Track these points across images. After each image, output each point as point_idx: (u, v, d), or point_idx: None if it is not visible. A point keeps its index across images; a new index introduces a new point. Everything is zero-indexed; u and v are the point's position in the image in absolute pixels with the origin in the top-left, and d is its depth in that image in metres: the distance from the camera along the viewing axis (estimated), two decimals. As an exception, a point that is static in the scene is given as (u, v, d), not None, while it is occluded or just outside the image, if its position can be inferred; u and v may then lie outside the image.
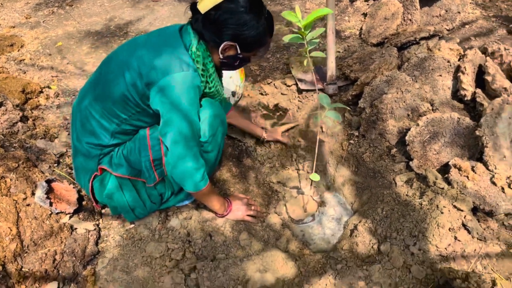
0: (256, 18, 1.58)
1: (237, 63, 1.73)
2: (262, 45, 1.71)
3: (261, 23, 1.60)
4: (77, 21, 3.98)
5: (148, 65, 1.58)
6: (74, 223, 1.94)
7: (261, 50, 1.74)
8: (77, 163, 1.88)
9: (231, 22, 1.56)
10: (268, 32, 1.67)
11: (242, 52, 1.66)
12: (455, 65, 2.33)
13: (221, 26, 1.57)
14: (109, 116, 1.69)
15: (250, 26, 1.58)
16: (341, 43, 3.10)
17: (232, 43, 1.62)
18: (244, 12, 1.55)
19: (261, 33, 1.63)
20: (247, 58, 1.74)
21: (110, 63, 1.71)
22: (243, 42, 1.62)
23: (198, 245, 1.86)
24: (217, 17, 1.55)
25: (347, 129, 2.39)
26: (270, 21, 1.66)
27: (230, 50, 1.66)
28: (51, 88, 2.94)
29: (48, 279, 1.71)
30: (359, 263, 1.78)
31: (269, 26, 1.66)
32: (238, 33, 1.58)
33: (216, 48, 1.64)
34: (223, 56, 1.68)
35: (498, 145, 1.89)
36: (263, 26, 1.61)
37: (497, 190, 1.83)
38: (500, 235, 1.78)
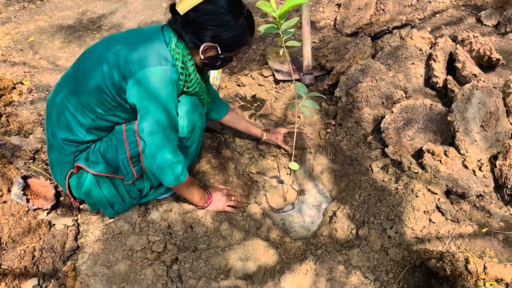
0: (235, 18, 1.58)
1: (218, 63, 1.73)
2: (243, 45, 1.71)
3: (241, 23, 1.60)
4: (49, 15, 3.90)
5: (126, 58, 1.57)
6: (52, 219, 1.92)
7: (243, 49, 1.74)
8: (52, 159, 1.85)
9: (210, 24, 1.56)
10: (249, 31, 1.67)
11: (223, 52, 1.66)
12: (427, 53, 2.38)
13: (200, 28, 1.57)
14: (85, 110, 1.66)
15: (229, 27, 1.58)
16: (316, 33, 3.13)
17: (212, 44, 1.62)
18: (223, 13, 1.55)
19: (241, 33, 1.63)
20: (229, 58, 1.73)
21: (88, 56, 1.69)
22: (223, 43, 1.62)
23: (179, 237, 1.87)
24: (196, 19, 1.55)
25: (324, 118, 2.43)
26: (250, 20, 1.66)
27: (211, 51, 1.66)
28: (24, 84, 2.88)
29: (28, 275, 1.70)
30: (338, 248, 1.83)
31: (249, 25, 1.65)
32: (218, 34, 1.58)
33: (196, 49, 1.64)
34: (204, 57, 1.67)
35: (468, 129, 1.95)
36: (242, 26, 1.62)
37: (468, 173, 1.90)
38: (472, 216, 1.84)
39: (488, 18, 2.90)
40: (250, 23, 1.66)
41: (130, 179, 1.83)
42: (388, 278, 1.67)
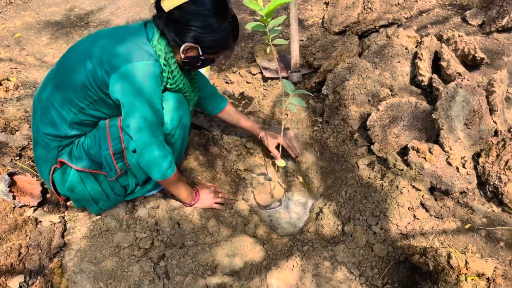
0: (220, 21, 1.58)
1: (199, 63, 1.72)
2: (225, 49, 1.71)
3: (225, 27, 1.60)
4: (36, 11, 3.86)
5: (109, 53, 1.56)
6: (38, 216, 1.91)
7: (225, 52, 1.73)
8: (37, 155, 1.84)
9: (193, 24, 1.56)
10: (232, 36, 1.67)
11: (204, 54, 1.66)
12: (413, 52, 2.42)
13: (183, 27, 1.57)
14: (68, 105, 1.65)
15: (213, 30, 1.58)
16: (304, 31, 3.15)
17: (194, 45, 1.62)
18: (207, 15, 1.55)
19: (224, 37, 1.63)
20: (210, 60, 1.73)
21: (72, 52, 1.68)
22: (204, 45, 1.62)
23: (167, 233, 1.88)
24: (179, 18, 1.55)
25: (311, 116, 2.45)
26: (234, 25, 1.66)
27: (192, 51, 1.66)
28: (11, 80, 2.86)
29: (14, 272, 1.69)
30: (324, 244, 1.85)
31: (233, 30, 1.66)
32: (200, 35, 1.58)
33: (178, 48, 1.63)
34: (185, 56, 1.67)
35: (453, 127, 1.98)
36: (226, 31, 1.62)
37: (452, 170, 1.93)
38: (456, 212, 1.88)
39: (473, 17, 2.95)
40: (234, 28, 1.66)
41: (113, 175, 1.83)
42: (373, 273, 1.69)
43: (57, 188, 1.89)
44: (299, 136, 2.38)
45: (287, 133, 2.31)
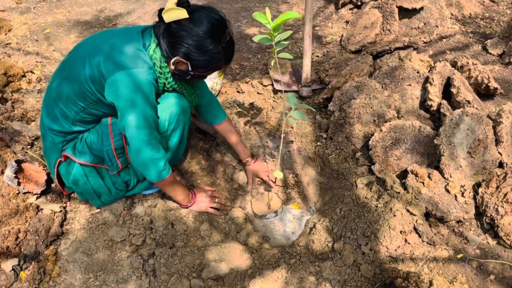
0: (213, 45, 1.60)
1: (188, 77, 1.74)
2: (215, 70, 1.73)
3: (217, 51, 1.63)
4: (68, 10, 4.03)
5: (107, 58, 1.60)
6: (40, 204, 1.99)
7: (215, 71, 1.76)
8: (44, 147, 1.92)
9: (186, 42, 1.58)
10: (224, 60, 1.70)
11: (194, 70, 1.69)
12: (425, 76, 2.41)
13: (176, 42, 1.60)
14: (70, 104, 1.72)
15: (205, 51, 1.61)
16: (321, 48, 3.18)
17: (184, 60, 1.64)
18: (201, 36, 1.57)
19: (215, 60, 1.66)
20: (200, 76, 1.76)
21: (81, 47, 1.74)
22: (194, 63, 1.65)
23: (159, 233, 1.92)
24: (175, 32, 1.58)
25: (316, 131, 2.47)
26: (228, 50, 1.68)
27: (182, 65, 1.69)
28: (34, 73, 2.99)
29: (9, 255, 1.76)
30: (312, 259, 1.85)
31: (226, 54, 1.68)
32: (191, 53, 1.61)
33: (169, 59, 1.66)
34: (175, 68, 1.70)
35: (454, 154, 1.96)
36: (218, 54, 1.64)
37: (450, 198, 1.91)
38: (450, 240, 1.85)
39: (493, 47, 2.91)
40: (227, 53, 1.68)
41: (115, 170, 1.89)
42: (357, 293, 1.69)
43: (62, 179, 1.97)
44: (302, 150, 2.40)
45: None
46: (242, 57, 3.17)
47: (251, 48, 3.30)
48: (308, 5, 2.36)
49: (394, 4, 3.03)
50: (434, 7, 3.12)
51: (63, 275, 1.80)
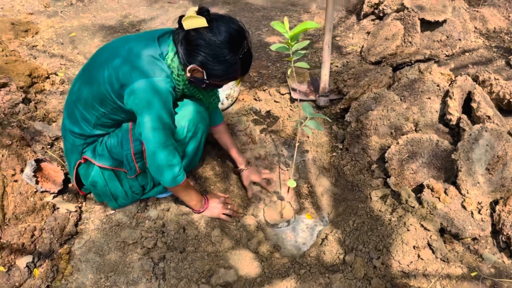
0: (230, 55, 1.60)
1: (204, 85, 1.75)
2: (230, 80, 1.73)
3: (233, 62, 1.62)
4: (94, 14, 4.12)
5: (125, 67, 1.63)
6: (57, 203, 2.03)
7: (231, 81, 1.76)
8: (65, 148, 1.97)
9: (203, 51, 1.59)
10: (240, 71, 1.69)
11: (209, 79, 1.69)
12: (445, 90, 2.37)
13: (193, 49, 1.60)
14: (90, 109, 1.76)
15: (220, 61, 1.61)
16: (341, 58, 3.17)
17: (200, 69, 1.65)
18: (218, 46, 1.57)
19: (231, 71, 1.65)
20: (215, 85, 1.76)
21: (103, 52, 1.78)
22: (210, 72, 1.65)
23: (171, 236, 1.93)
24: (193, 39, 1.58)
25: (332, 141, 2.45)
26: (245, 61, 1.67)
27: (198, 73, 1.69)
28: (58, 75, 3.06)
29: (24, 252, 1.80)
30: (323, 270, 1.83)
31: (243, 65, 1.67)
32: (208, 62, 1.61)
33: (186, 66, 1.67)
34: (191, 75, 1.71)
35: (472, 170, 1.93)
36: (235, 65, 1.64)
37: (466, 214, 1.87)
38: (464, 258, 1.81)
39: (518, 62, 2.85)
40: (244, 64, 1.68)
41: (133, 174, 1.92)
42: (367, 308, 1.66)
43: (81, 180, 2.01)
44: (317, 160, 2.39)
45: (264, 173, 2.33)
46: (261, 65, 3.18)
47: (270, 56, 3.32)
48: (328, 15, 2.36)
49: (417, 16, 3.00)
50: (457, 20, 3.07)
51: (75, 274, 1.83)
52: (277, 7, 4.25)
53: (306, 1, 4.30)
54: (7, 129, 2.20)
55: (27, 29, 3.55)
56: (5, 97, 2.46)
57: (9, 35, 3.39)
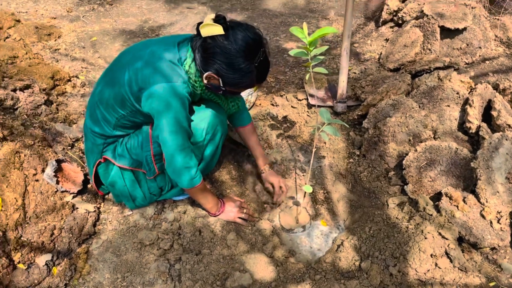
0: (246, 63, 1.60)
1: (220, 92, 1.75)
2: (246, 88, 1.73)
3: (249, 70, 1.62)
4: (114, 19, 4.20)
5: (144, 71, 1.65)
6: (76, 203, 2.06)
7: (248, 88, 1.76)
8: (86, 148, 2.01)
9: (219, 58, 1.59)
10: (256, 79, 1.68)
11: (225, 86, 1.69)
12: (464, 97, 2.35)
13: (209, 57, 1.61)
14: (111, 110, 1.79)
15: (235, 69, 1.61)
16: (359, 65, 3.17)
17: (216, 76, 1.65)
18: (233, 54, 1.57)
19: (246, 79, 1.65)
20: (232, 92, 1.76)
21: (125, 54, 1.82)
22: (225, 80, 1.65)
23: (187, 239, 1.95)
24: (209, 47, 1.59)
25: (349, 148, 2.45)
26: (262, 69, 1.67)
27: (214, 81, 1.69)
28: (79, 78, 3.12)
29: (44, 250, 1.83)
30: (338, 276, 1.82)
31: (258, 74, 1.66)
32: (223, 70, 1.62)
33: (202, 73, 1.68)
34: (207, 82, 1.71)
35: (492, 179, 1.90)
36: (250, 73, 1.63)
37: (485, 224, 1.85)
38: (482, 268, 1.78)
39: (539, 70, 2.81)
40: (260, 72, 1.67)
41: (152, 175, 1.95)
42: (382, 315, 1.65)
43: (99, 180, 2.04)
44: (333, 166, 2.38)
45: (283, 180, 2.29)
46: (278, 70, 3.20)
47: (287, 62, 3.33)
48: (347, 21, 2.36)
49: (436, 23, 2.98)
50: (478, 28, 3.05)
51: (92, 273, 1.85)
52: (295, 13, 4.27)
53: (324, 8, 4.31)
54: (30, 129, 2.25)
55: (50, 33, 3.63)
56: (28, 98, 2.52)
57: (33, 38, 3.47)
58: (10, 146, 1.98)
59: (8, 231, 1.77)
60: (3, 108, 2.41)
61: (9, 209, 1.81)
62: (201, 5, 4.51)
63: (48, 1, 4.43)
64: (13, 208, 1.82)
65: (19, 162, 1.98)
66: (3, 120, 2.18)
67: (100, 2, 4.51)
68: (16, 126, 2.20)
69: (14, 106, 2.47)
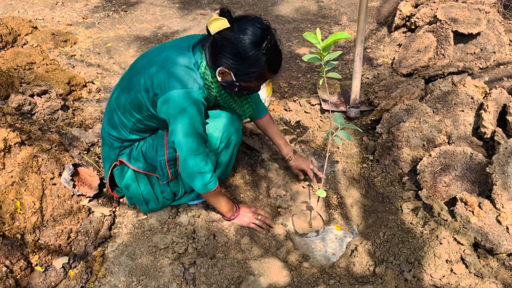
0: (253, 51, 1.58)
1: (236, 89, 1.74)
2: (260, 79, 1.71)
3: (257, 57, 1.60)
4: (129, 26, 4.26)
5: (160, 68, 1.68)
6: (92, 207, 2.09)
7: (261, 82, 1.74)
8: (103, 152, 2.05)
9: (226, 51, 1.60)
10: (267, 67, 1.66)
11: (238, 80, 1.69)
12: (479, 102, 2.34)
13: (218, 51, 1.61)
14: (127, 114, 1.82)
15: (243, 59, 1.60)
16: (371, 70, 3.17)
17: (227, 70, 1.65)
18: (240, 42, 1.57)
19: (256, 67, 1.63)
20: (247, 87, 1.75)
21: (142, 59, 1.84)
22: (236, 72, 1.65)
23: (201, 243, 1.96)
24: (217, 42, 1.60)
25: (362, 152, 2.45)
26: (271, 57, 1.65)
27: (227, 76, 1.69)
28: (95, 84, 3.17)
29: (61, 253, 1.86)
30: (352, 281, 1.82)
31: (268, 61, 1.64)
32: (231, 62, 1.61)
33: (214, 71, 1.69)
34: (221, 79, 1.72)
35: (508, 184, 1.88)
36: (259, 61, 1.61)
37: (501, 229, 1.83)
38: (499, 274, 1.76)
39: (555, 75, 2.78)
40: (270, 60, 1.64)
41: (165, 180, 1.97)
42: (397, 320, 1.64)
43: (114, 182, 2.07)
44: (347, 171, 2.38)
45: (313, 162, 2.32)
46: (291, 76, 3.21)
47: (300, 67, 3.34)
48: (360, 27, 2.37)
49: (450, 28, 2.97)
50: (492, 32, 3.03)
51: (108, 276, 1.87)
52: (308, 19, 4.29)
53: (336, 14, 4.32)
54: (47, 134, 2.29)
55: (66, 39, 3.70)
56: (46, 103, 2.57)
57: (49, 44, 3.54)
58: (28, 151, 2.01)
59: (26, 234, 1.80)
60: (21, 113, 2.46)
61: (27, 212, 1.84)
62: (214, 11, 4.55)
63: (64, 8, 4.52)
64: (31, 212, 1.85)
65: (36, 166, 2.02)
66: (21, 125, 2.23)
67: (115, 9, 4.58)
68: (34, 130, 2.24)
69: (31, 111, 2.52)
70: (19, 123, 2.25)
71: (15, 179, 1.88)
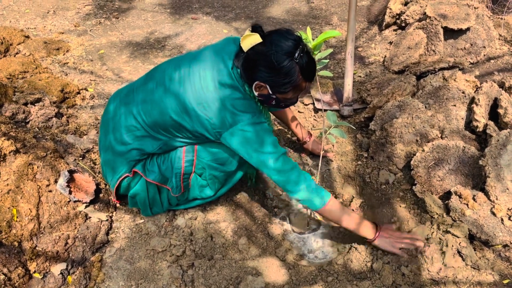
0: (286, 61, 1.59)
1: (273, 102, 1.75)
2: (296, 88, 1.69)
3: (291, 67, 1.61)
4: (121, 32, 4.27)
5: (215, 110, 1.69)
6: (89, 212, 2.09)
7: (298, 91, 1.74)
8: (107, 159, 2.01)
9: (260, 64, 1.62)
10: (302, 76, 1.65)
11: (275, 93, 1.69)
12: (470, 97, 2.36)
13: (253, 67, 1.64)
14: (159, 130, 1.83)
15: (277, 70, 1.61)
16: (363, 68, 3.19)
17: (263, 83, 1.67)
18: (272, 55, 1.59)
19: (290, 77, 1.63)
20: (285, 99, 1.75)
21: (165, 82, 1.81)
22: (272, 84, 1.66)
23: (199, 244, 1.97)
24: (250, 57, 1.63)
25: (357, 150, 2.46)
26: (305, 65, 1.64)
27: (263, 90, 1.70)
28: (88, 91, 3.17)
29: (58, 260, 1.86)
30: (350, 278, 1.83)
31: (302, 69, 1.64)
32: (266, 75, 1.63)
33: (251, 86, 1.71)
34: (258, 93, 1.73)
35: (501, 176, 1.90)
36: (292, 70, 1.61)
37: (496, 221, 1.85)
38: (495, 265, 1.78)
39: (545, 68, 2.81)
40: (303, 68, 1.64)
41: (177, 193, 1.98)
42: (396, 315, 1.65)
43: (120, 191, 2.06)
44: (342, 169, 2.40)
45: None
46: (284, 77, 3.22)
47: (293, 68, 3.35)
48: (350, 25, 2.39)
49: (439, 24, 3.00)
50: (481, 27, 3.06)
51: (106, 281, 1.87)
52: (299, 20, 4.31)
53: (327, 14, 4.34)
54: (42, 141, 2.29)
55: (58, 48, 3.70)
56: (39, 111, 2.57)
57: (42, 53, 3.54)
58: (23, 158, 2.02)
59: (24, 241, 1.80)
60: (16, 122, 2.46)
61: (23, 220, 1.84)
62: (206, 15, 4.56)
63: (56, 16, 4.52)
64: (27, 219, 1.85)
65: (32, 173, 2.02)
66: (16, 133, 2.23)
67: (106, 16, 4.59)
68: (29, 138, 2.24)
69: (26, 119, 2.52)
70: (14, 131, 2.25)
71: (11, 187, 1.88)
